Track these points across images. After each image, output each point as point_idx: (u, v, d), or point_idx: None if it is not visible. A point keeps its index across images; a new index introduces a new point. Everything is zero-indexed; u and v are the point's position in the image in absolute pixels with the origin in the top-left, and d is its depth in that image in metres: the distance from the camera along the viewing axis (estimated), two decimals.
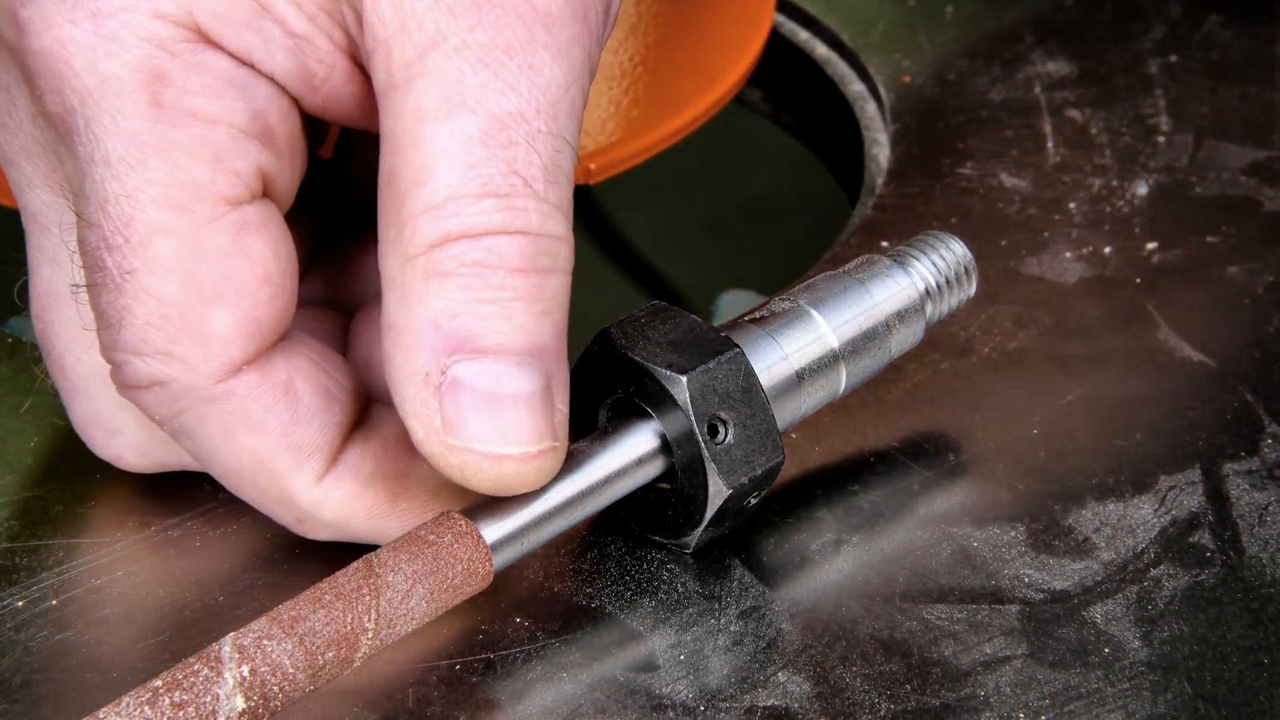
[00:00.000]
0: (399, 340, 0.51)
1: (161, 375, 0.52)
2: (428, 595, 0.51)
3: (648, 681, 0.53)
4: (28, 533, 0.58)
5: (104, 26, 0.51)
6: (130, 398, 0.53)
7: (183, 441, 0.54)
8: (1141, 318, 0.68)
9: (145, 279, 0.51)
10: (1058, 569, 0.57)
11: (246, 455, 0.53)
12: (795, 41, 0.87)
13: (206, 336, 0.52)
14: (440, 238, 0.51)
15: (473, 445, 0.51)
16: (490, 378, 0.51)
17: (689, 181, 1.01)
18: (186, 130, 0.51)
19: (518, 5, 0.51)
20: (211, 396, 0.52)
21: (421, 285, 0.51)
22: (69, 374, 0.57)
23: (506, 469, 0.51)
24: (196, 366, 0.52)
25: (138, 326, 0.51)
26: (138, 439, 0.58)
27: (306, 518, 0.54)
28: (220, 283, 0.52)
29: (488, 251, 0.51)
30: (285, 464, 0.53)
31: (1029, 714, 0.52)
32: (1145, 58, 0.83)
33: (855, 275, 0.60)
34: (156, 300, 0.51)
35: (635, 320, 0.56)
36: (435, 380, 0.51)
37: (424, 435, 0.51)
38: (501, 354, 0.51)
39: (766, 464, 0.55)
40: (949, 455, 0.61)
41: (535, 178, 0.51)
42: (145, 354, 0.52)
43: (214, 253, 0.52)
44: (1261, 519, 0.59)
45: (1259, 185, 0.75)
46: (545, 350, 0.52)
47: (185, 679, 0.47)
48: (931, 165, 0.77)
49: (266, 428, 0.53)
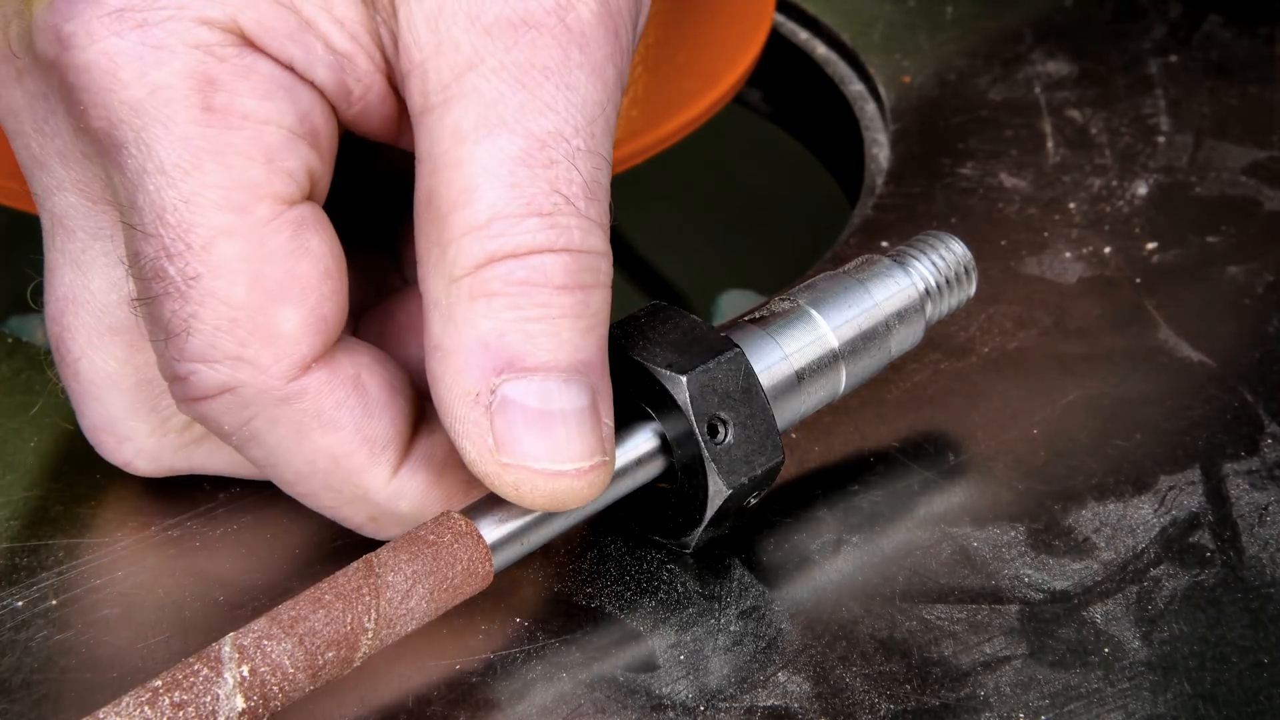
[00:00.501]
0: (447, 361, 0.51)
1: (233, 380, 0.52)
2: (428, 595, 0.51)
3: (648, 681, 0.53)
4: (28, 533, 0.58)
5: (151, 36, 0.51)
6: (195, 410, 0.53)
7: (250, 450, 0.54)
8: (1141, 318, 0.68)
9: (211, 283, 0.51)
10: (1058, 569, 0.57)
11: (321, 455, 0.53)
12: (795, 41, 0.87)
13: (276, 336, 0.52)
14: (485, 258, 0.51)
15: (527, 463, 0.51)
16: (540, 395, 0.51)
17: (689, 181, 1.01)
18: (240, 133, 0.51)
19: (553, 26, 0.52)
20: (284, 396, 0.52)
21: (468, 306, 0.51)
22: (82, 379, 0.57)
23: (561, 485, 0.51)
24: (268, 367, 0.52)
25: (206, 333, 0.51)
26: (148, 445, 0.58)
27: (382, 514, 0.54)
28: (285, 281, 0.52)
29: (533, 270, 0.51)
30: (361, 459, 0.53)
31: (1029, 714, 0.52)
32: (1145, 58, 0.83)
33: (855, 275, 0.60)
34: (224, 304, 0.51)
35: (635, 320, 0.56)
36: (485, 400, 0.51)
37: (477, 455, 0.51)
38: (550, 371, 0.51)
39: (766, 464, 0.55)
40: (949, 455, 0.61)
41: (577, 195, 0.52)
42: (215, 360, 0.52)
43: (276, 251, 0.52)
44: (1261, 519, 0.59)
45: (1259, 185, 0.75)
46: (591, 365, 0.52)
47: (185, 679, 0.47)
48: (931, 165, 0.77)
49: (340, 424, 0.53)
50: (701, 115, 0.76)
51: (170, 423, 0.57)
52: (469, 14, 0.52)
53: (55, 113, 0.54)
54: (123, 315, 0.56)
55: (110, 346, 0.56)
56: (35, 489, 0.60)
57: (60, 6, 0.51)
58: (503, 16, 0.52)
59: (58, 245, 0.56)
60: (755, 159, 1.01)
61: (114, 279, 0.55)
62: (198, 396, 0.52)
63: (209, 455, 0.58)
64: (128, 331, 0.56)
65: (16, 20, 0.53)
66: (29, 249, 0.61)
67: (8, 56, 0.54)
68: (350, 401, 0.53)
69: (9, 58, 0.54)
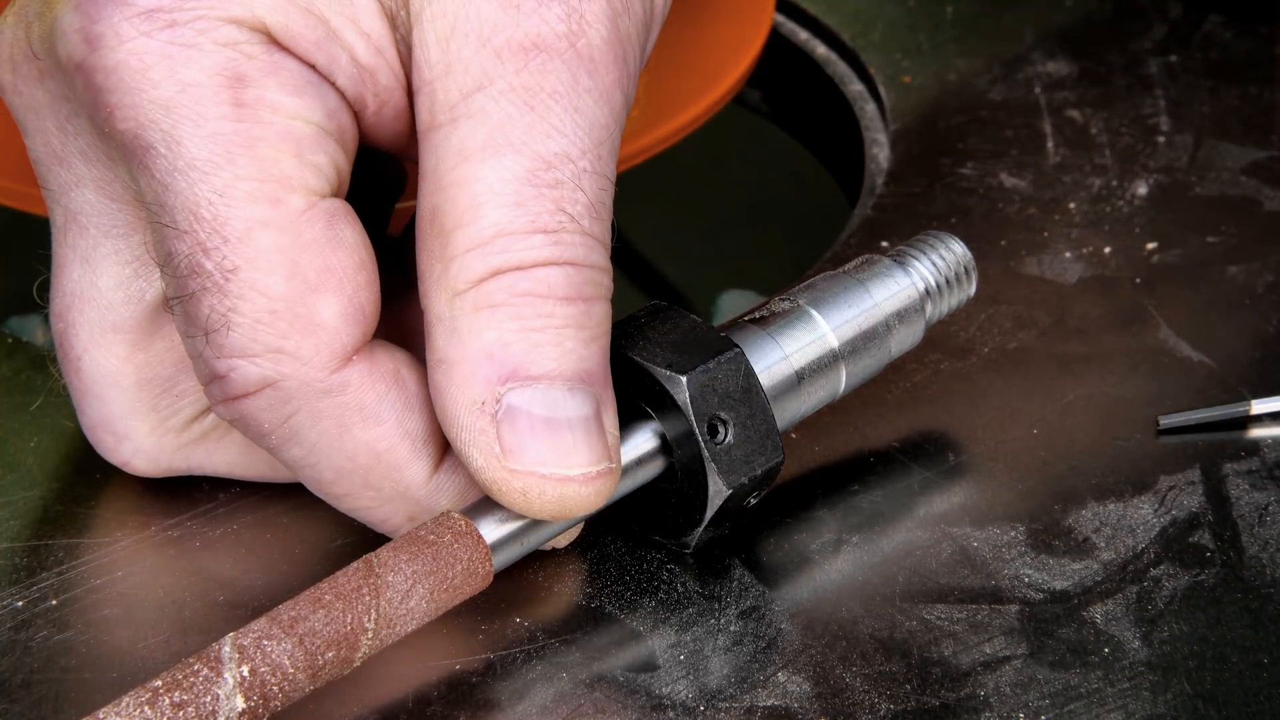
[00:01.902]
0: (452, 372, 0.52)
1: (275, 374, 0.52)
2: (428, 595, 0.51)
3: (648, 681, 0.53)
4: (28, 533, 0.58)
5: (180, 35, 0.51)
6: (234, 410, 0.52)
7: (289, 449, 0.53)
8: (1141, 318, 0.68)
9: (250, 275, 0.51)
10: (1058, 569, 0.57)
11: (363, 450, 0.53)
12: (795, 41, 0.87)
13: (317, 327, 0.52)
14: (489, 272, 0.51)
15: (535, 469, 0.51)
16: (546, 403, 0.51)
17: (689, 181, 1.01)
18: (270, 126, 0.51)
19: (563, 51, 0.52)
20: (327, 389, 0.52)
21: (472, 318, 0.51)
22: (84, 376, 0.57)
23: (568, 491, 0.52)
24: (310, 359, 0.52)
25: (246, 326, 0.51)
26: (147, 444, 0.58)
27: (421, 513, 0.54)
28: (323, 271, 0.52)
29: (537, 282, 0.51)
30: (404, 454, 0.53)
31: (1029, 714, 0.52)
32: (1145, 58, 0.83)
33: (855, 275, 0.60)
34: (264, 296, 0.51)
35: (635, 320, 0.56)
36: (491, 408, 0.51)
37: (484, 462, 0.51)
38: (555, 380, 0.51)
39: (766, 464, 0.55)
40: (949, 455, 0.61)
41: (581, 214, 0.52)
42: (255, 354, 0.51)
43: (312, 242, 0.52)
44: (1261, 519, 0.59)
45: (1259, 185, 0.75)
46: (594, 375, 0.52)
47: (185, 679, 0.47)
48: (931, 165, 0.77)
49: (383, 417, 0.53)
50: (701, 115, 0.76)
51: (169, 423, 0.57)
52: (480, 36, 0.52)
53: (78, 114, 0.54)
54: (127, 314, 0.56)
55: (113, 345, 0.56)
56: (35, 489, 0.60)
57: (87, 9, 0.51)
58: (513, 40, 0.52)
59: (69, 241, 0.56)
60: (755, 159, 1.01)
61: (122, 277, 0.55)
62: (238, 394, 0.52)
63: (208, 455, 0.58)
64: (131, 330, 0.56)
65: (38, 22, 0.53)
66: (29, 249, 0.61)
67: (29, 57, 0.54)
68: (392, 395, 0.53)
69: (30, 59, 0.54)
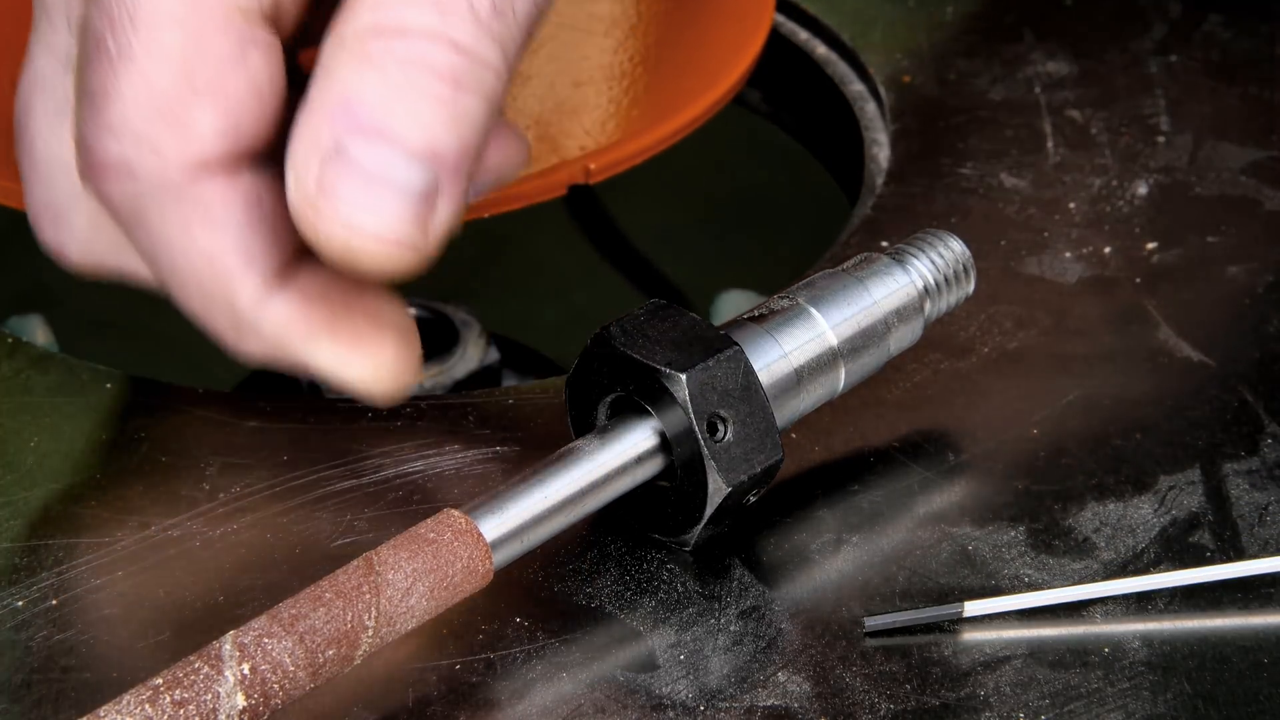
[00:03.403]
0: (308, 113, 0.52)
1: (134, 158, 0.53)
2: (428, 593, 0.51)
3: (648, 681, 0.53)
4: (28, 533, 0.58)
5: None
6: (92, 181, 0.54)
7: (135, 234, 0.54)
8: (1141, 318, 0.68)
9: (142, 62, 0.52)
10: (1058, 569, 0.57)
11: (199, 254, 0.54)
12: (795, 41, 0.87)
13: (185, 129, 0.52)
14: (372, 27, 0.52)
15: (337, 209, 0.52)
16: (378, 160, 0.51)
17: (689, 181, 1.01)
18: None
19: None
20: (178, 189, 0.53)
21: (343, 68, 0.52)
22: (36, 157, 0.58)
23: (359, 244, 0.52)
24: (168, 156, 0.53)
25: (121, 106, 0.52)
26: (83, 233, 0.58)
27: (245, 327, 0.55)
28: (212, 83, 0.52)
29: (413, 49, 0.52)
30: (235, 264, 0.54)
31: (1029, 714, 0.52)
32: (1145, 58, 0.83)
33: (854, 273, 0.60)
34: (146, 85, 0.52)
35: (634, 318, 0.56)
36: (325, 150, 0.52)
37: (299, 193, 0.52)
38: (396, 144, 0.52)
39: (766, 462, 0.55)
40: (949, 455, 0.61)
41: (483, 5, 0.52)
42: (122, 134, 0.52)
43: (214, 55, 0.52)
44: (1261, 519, 0.59)
45: (1259, 185, 0.75)
46: (442, 158, 0.52)
47: (186, 677, 0.47)
48: (931, 165, 0.77)
49: (224, 226, 0.53)
50: (701, 115, 0.76)
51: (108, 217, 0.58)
52: None
53: None
54: None
55: (65, 129, 0.57)
56: (35, 489, 0.60)
57: None
58: None
59: (40, 34, 0.57)
60: (755, 159, 1.01)
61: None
62: (98, 164, 0.53)
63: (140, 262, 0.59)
64: None
65: None
66: (29, 249, 0.61)
67: None
68: (239, 210, 0.53)
69: None
